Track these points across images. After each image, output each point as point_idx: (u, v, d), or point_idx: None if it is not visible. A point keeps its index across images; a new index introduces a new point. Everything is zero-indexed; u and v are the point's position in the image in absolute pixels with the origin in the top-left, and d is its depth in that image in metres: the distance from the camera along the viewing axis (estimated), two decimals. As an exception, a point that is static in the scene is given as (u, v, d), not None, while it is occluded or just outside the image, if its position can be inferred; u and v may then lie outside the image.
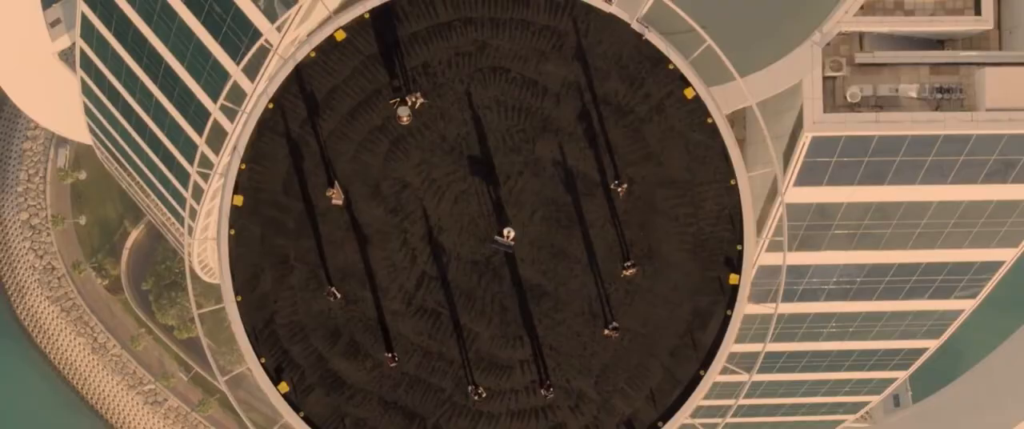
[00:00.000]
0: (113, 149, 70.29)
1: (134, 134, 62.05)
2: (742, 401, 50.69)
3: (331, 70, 38.51)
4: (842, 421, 65.99)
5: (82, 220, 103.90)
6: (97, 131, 70.36)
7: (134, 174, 70.42)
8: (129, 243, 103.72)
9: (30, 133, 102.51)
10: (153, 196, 70.48)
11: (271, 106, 38.40)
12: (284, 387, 38.19)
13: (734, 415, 58.94)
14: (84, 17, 56.65)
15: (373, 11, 38.63)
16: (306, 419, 38.09)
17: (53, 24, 68.83)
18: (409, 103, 37.91)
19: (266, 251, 38.24)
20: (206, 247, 68.48)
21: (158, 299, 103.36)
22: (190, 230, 61.81)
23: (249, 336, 38.13)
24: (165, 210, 70.95)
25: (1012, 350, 58.54)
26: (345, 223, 38.17)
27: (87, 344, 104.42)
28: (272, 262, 38.31)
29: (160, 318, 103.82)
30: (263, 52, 43.39)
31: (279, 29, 42.53)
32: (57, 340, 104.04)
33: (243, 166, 38.30)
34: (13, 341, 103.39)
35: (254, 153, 38.38)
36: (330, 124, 38.35)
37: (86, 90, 64.28)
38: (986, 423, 61.29)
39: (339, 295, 38.02)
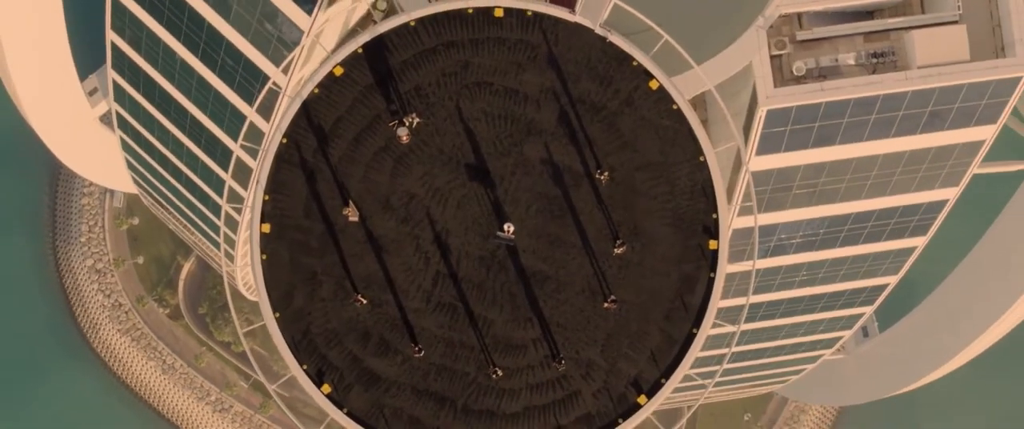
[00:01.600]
0: (156, 195, 69.32)
1: (172, 180, 61.09)
2: (734, 349, 49.67)
3: (334, 102, 37.53)
4: (821, 355, 65.32)
5: (140, 260, 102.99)
6: (140, 181, 69.39)
7: (177, 215, 69.39)
8: (183, 275, 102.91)
9: (86, 190, 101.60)
10: (196, 232, 69.43)
11: (285, 141, 37.50)
12: (327, 388, 37.26)
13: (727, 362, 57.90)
14: (116, 84, 55.76)
15: (365, 45, 37.68)
16: (350, 414, 37.24)
17: (91, 93, 67.86)
18: (407, 123, 37.05)
19: (296, 270, 37.27)
20: (247, 271, 67.34)
21: (214, 320, 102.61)
22: (231, 257, 60.87)
23: (290, 347, 37.23)
24: (207, 243, 69.82)
25: (960, 278, 57.69)
26: (363, 237, 37.23)
27: (157, 366, 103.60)
28: (302, 279, 37.33)
29: (218, 336, 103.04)
30: (273, 94, 42.38)
31: (285, 71, 41.40)
32: (131, 366, 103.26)
33: (267, 197, 37.38)
34: (93, 371, 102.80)
35: (275, 184, 37.45)
36: (339, 150, 37.36)
37: (126, 147, 63.33)
38: (943, 343, 60.66)
39: (365, 301, 37.11)
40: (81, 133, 69.64)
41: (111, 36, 51.01)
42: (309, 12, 39.57)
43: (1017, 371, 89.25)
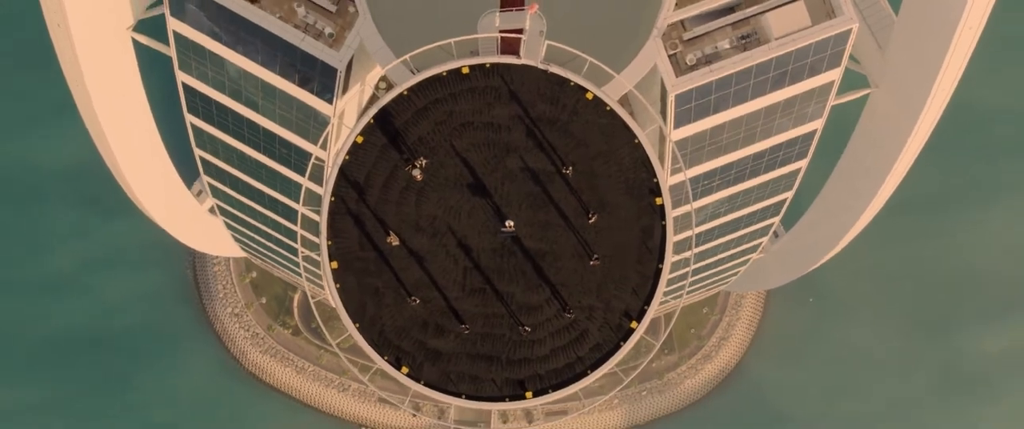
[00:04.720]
0: (258, 254, 66.94)
1: (265, 241, 59.04)
2: (694, 267, 47.18)
3: (362, 163, 35.19)
4: (749, 258, 62.98)
5: (263, 300, 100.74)
6: (246, 247, 67.15)
7: (276, 263, 67.07)
8: (295, 303, 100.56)
9: (214, 261, 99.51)
10: (291, 273, 67.08)
11: (333, 198, 35.19)
12: (405, 370, 35.08)
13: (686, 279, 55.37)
14: (211, 185, 53.39)
15: (375, 116, 35.32)
16: (427, 384, 35.12)
17: (198, 194, 65.07)
18: (418, 165, 34.78)
19: (362, 289, 35.05)
20: (335, 294, 64.69)
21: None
22: (320, 287, 58.40)
23: (371, 345, 35.10)
24: (300, 279, 67.48)
25: (834, 183, 55.29)
26: (405, 254, 35.04)
27: (294, 371, 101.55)
28: (369, 294, 35.18)
29: (329, 341, 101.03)
30: (317, 165, 40.10)
31: (322, 147, 39.07)
32: (274, 375, 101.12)
33: (330, 242, 35.15)
34: (251, 386, 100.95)
35: (334, 231, 35.22)
36: (374, 196, 35.06)
37: (229, 226, 61.13)
38: (829, 232, 58.48)
39: (418, 300, 34.80)
40: (198, 225, 67.15)
41: (198, 152, 48.71)
42: (330, 102, 37.23)
43: (880, 244, 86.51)
